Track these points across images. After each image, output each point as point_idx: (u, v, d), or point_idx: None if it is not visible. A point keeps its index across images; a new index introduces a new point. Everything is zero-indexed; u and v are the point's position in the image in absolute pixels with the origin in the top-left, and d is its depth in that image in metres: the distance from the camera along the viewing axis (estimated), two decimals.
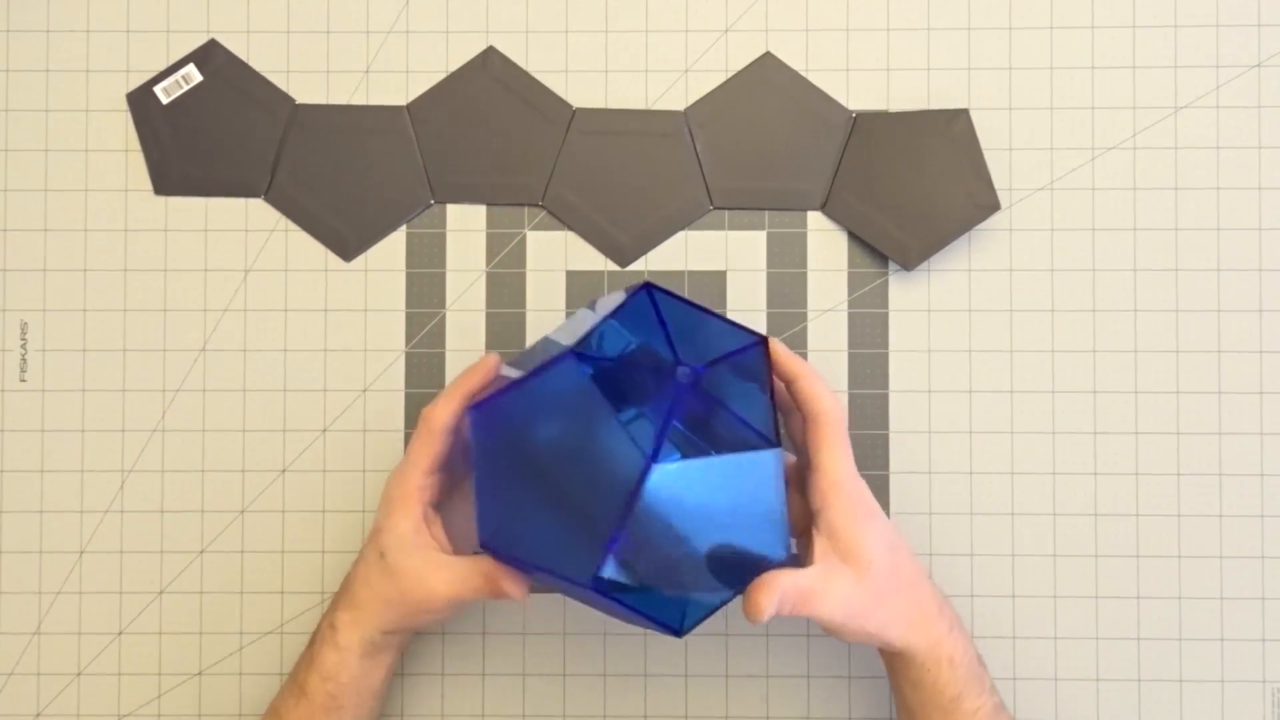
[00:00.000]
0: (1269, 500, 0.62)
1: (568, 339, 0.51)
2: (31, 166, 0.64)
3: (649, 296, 0.52)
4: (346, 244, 0.64)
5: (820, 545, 0.53)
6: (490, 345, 0.63)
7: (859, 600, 0.52)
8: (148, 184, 0.64)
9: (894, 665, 0.56)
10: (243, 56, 0.64)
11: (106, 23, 0.64)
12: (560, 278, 0.63)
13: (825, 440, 0.53)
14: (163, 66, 0.64)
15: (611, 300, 0.53)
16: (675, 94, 0.64)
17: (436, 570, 0.54)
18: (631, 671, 0.63)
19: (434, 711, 0.63)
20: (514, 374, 0.52)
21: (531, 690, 0.62)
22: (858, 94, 0.64)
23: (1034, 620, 0.62)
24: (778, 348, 0.54)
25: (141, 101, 0.64)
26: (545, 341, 0.54)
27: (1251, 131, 0.63)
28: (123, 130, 0.64)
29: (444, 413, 0.54)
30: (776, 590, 0.50)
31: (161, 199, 0.64)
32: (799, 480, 0.56)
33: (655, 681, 0.62)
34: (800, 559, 0.55)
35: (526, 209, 0.64)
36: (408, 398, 0.63)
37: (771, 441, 0.51)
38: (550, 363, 0.50)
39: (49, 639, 0.63)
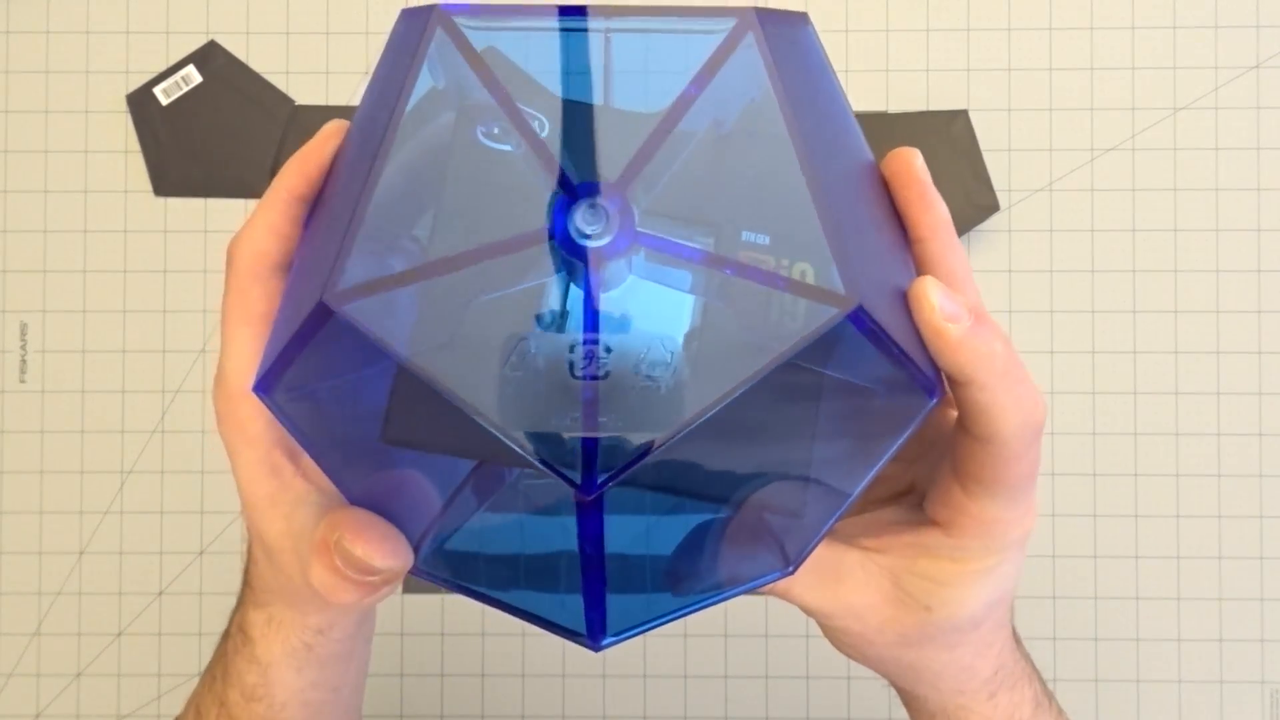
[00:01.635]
0: (1268, 500, 0.62)
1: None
2: (31, 167, 0.64)
3: None
4: None
5: (879, 556, 0.36)
6: None
7: (887, 631, 0.36)
8: (147, 185, 0.64)
9: (901, 697, 0.42)
10: (242, 58, 0.64)
11: (106, 24, 0.64)
12: None
13: (1011, 475, 0.32)
14: (162, 68, 0.64)
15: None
16: None
17: (275, 507, 0.34)
18: (631, 672, 0.63)
19: (434, 712, 0.63)
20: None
21: (531, 690, 0.63)
22: (857, 95, 0.64)
23: (1033, 621, 0.62)
24: (929, 295, 0.30)
25: (141, 102, 0.64)
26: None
27: (1250, 132, 0.63)
28: (122, 131, 0.64)
29: (258, 238, 0.33)
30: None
31: (161, 200, 0.64)
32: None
33: (655, 682, 0.62)
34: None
35: None
36: None
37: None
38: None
39: (49, 640, 0.63)
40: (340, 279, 0.27)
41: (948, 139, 0.63)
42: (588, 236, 0.27)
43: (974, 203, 0.62)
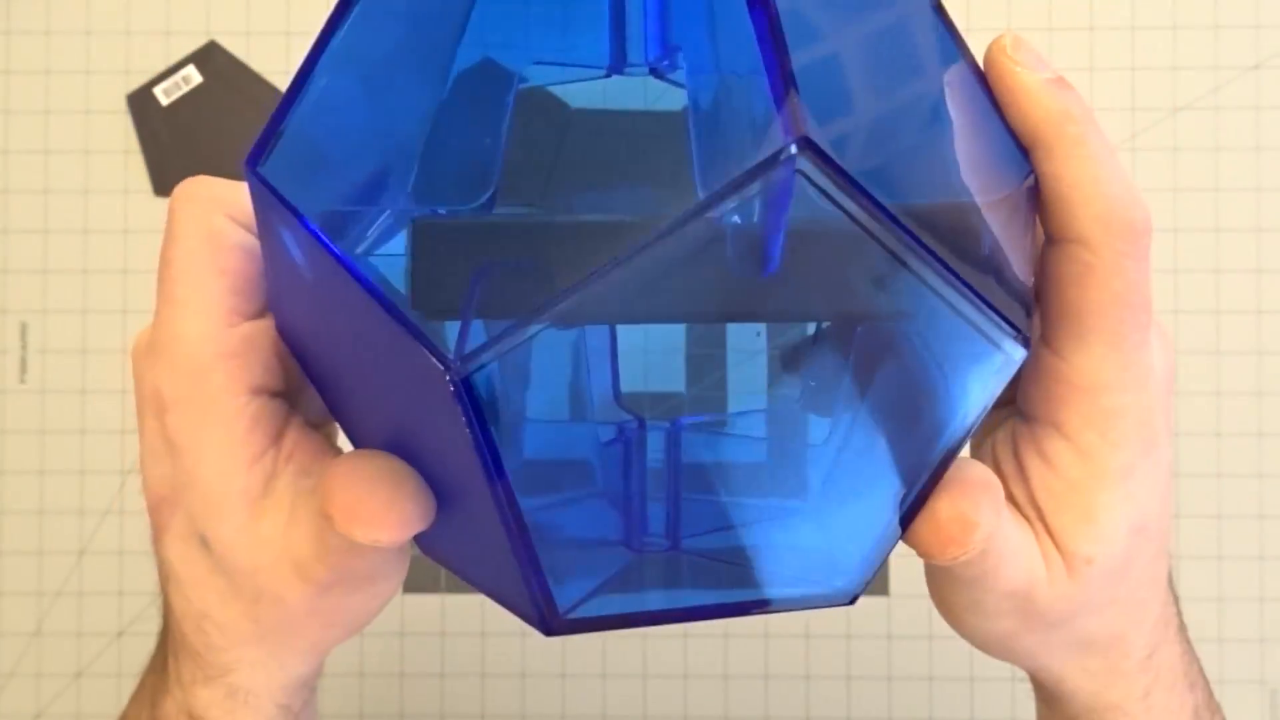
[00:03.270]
0: (1267, 501, 0.62)
1: None
2: (31, 167, 0.64)
3: None
4: None
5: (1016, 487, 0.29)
6: None
7: (1041, 605, 0.29)
8: (148, 185, 0.64)
9: (1043, 696, 0.35)
10: (242, 58, 0.64)
11: (106, 24, 0.64)
12: None
13: (1092, 294, 0.26)
14: (163, 68, 0.64)
15: None
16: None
17: (263, 509, 0.28)
18: (631, 672, 0.63)
19: (433, 712, 0.63)
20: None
21: (531, 690, 0.63)
22: None
23: None
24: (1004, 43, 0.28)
25: (141, 103, 0.64)
26: None
27: (1250, 132, 0.63)
28: (123, 131, 0.64)
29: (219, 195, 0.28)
30: (996, 503, 0.27)
31: (161, 200, 0.64)
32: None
33: (654, 682, 0.62)
34: None
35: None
36: None
37: None
38: None
39: (49, 640, 0.63)
40: None
41: None
42: None
43: None
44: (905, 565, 0.63)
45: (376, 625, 0.63)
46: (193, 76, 0.64)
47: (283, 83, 0.64)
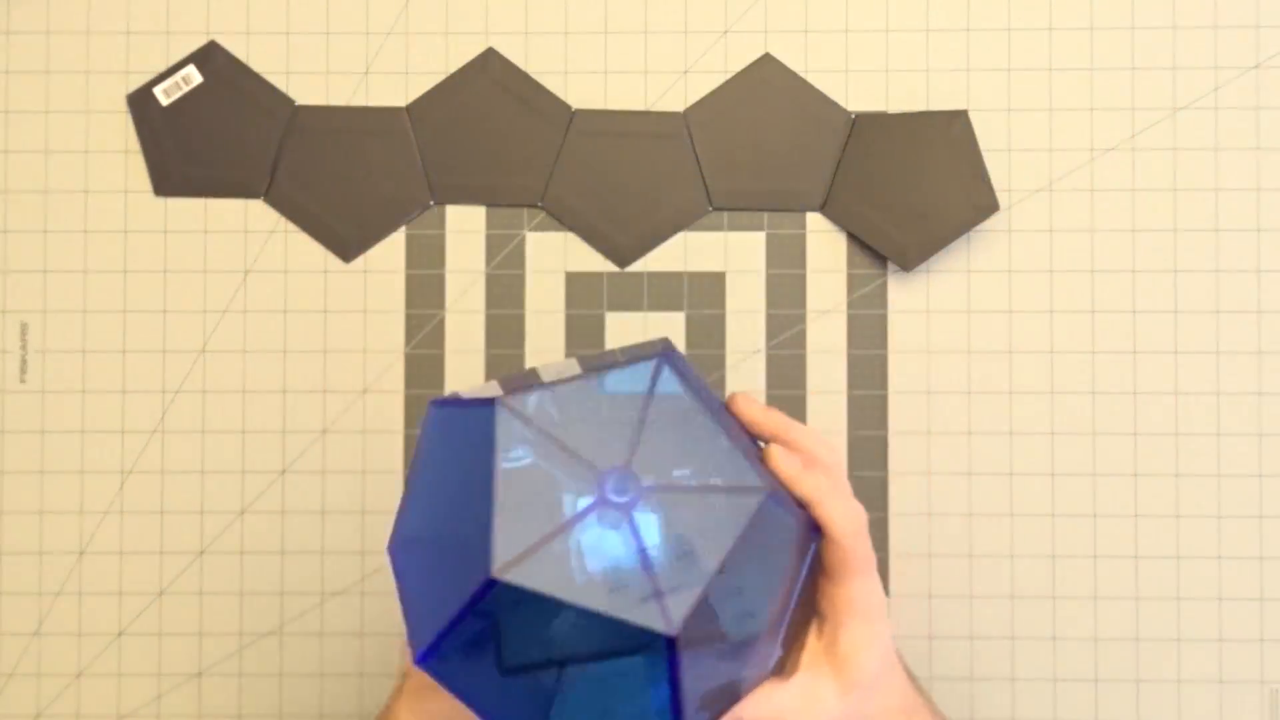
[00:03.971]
0: (1267, 501, 0.62)
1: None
2: (31, 167, 0.64)
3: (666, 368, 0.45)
4: (346, 245, 0.64)
5: (812, 650, 0.50)
6: (489, 346, 0.63)
7: (835, 714, 0.49)
8: (148, 185, 0.64)
9: None
10: (242, 58, 0.64)
11: (106, 24, 0.65)
12: (560, 279, 0.63)
13: (850, 560, 0.48)
14: (163, 68, 0.64)
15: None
16: (674, 95, 0.64)
17: None
18: None
19: None
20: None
21: None
22: (857, 95, 0.64)
23: (1032, 621, 0.62)
24: (777, 460, 0.48)
25: (141, 103, 0.64)
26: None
27: (1250, 132, 0.63)
28: (123, 131, 0.64)
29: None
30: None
31: (161, 200, 0.64)
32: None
33: None
34: (780, 661, 0.52)
35: (526, 210, 0.64)
36: (407, 399, 0.63)
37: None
38: None
39: (49, 640, 0.63)
40: (496, 556, 0.39)
41: (947, 139, 0.63)
42: (620, 495, 0.42)
43: (974, 203, 0.62)
44: (906, 565, 0.63)
45: (376, 625, 0.63)
46: (193, 76, 0.64)
47: (282, 83, 0.64)
